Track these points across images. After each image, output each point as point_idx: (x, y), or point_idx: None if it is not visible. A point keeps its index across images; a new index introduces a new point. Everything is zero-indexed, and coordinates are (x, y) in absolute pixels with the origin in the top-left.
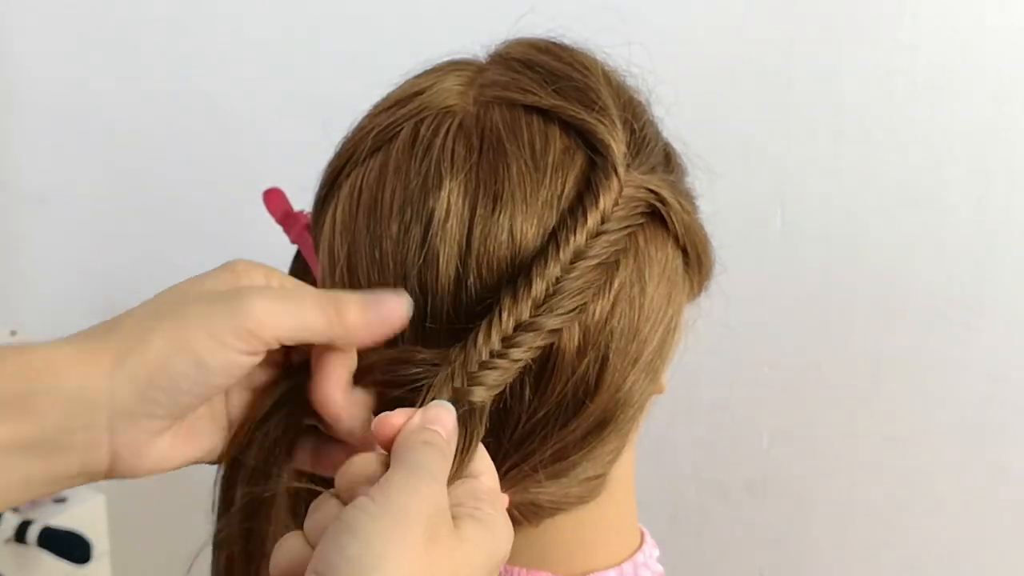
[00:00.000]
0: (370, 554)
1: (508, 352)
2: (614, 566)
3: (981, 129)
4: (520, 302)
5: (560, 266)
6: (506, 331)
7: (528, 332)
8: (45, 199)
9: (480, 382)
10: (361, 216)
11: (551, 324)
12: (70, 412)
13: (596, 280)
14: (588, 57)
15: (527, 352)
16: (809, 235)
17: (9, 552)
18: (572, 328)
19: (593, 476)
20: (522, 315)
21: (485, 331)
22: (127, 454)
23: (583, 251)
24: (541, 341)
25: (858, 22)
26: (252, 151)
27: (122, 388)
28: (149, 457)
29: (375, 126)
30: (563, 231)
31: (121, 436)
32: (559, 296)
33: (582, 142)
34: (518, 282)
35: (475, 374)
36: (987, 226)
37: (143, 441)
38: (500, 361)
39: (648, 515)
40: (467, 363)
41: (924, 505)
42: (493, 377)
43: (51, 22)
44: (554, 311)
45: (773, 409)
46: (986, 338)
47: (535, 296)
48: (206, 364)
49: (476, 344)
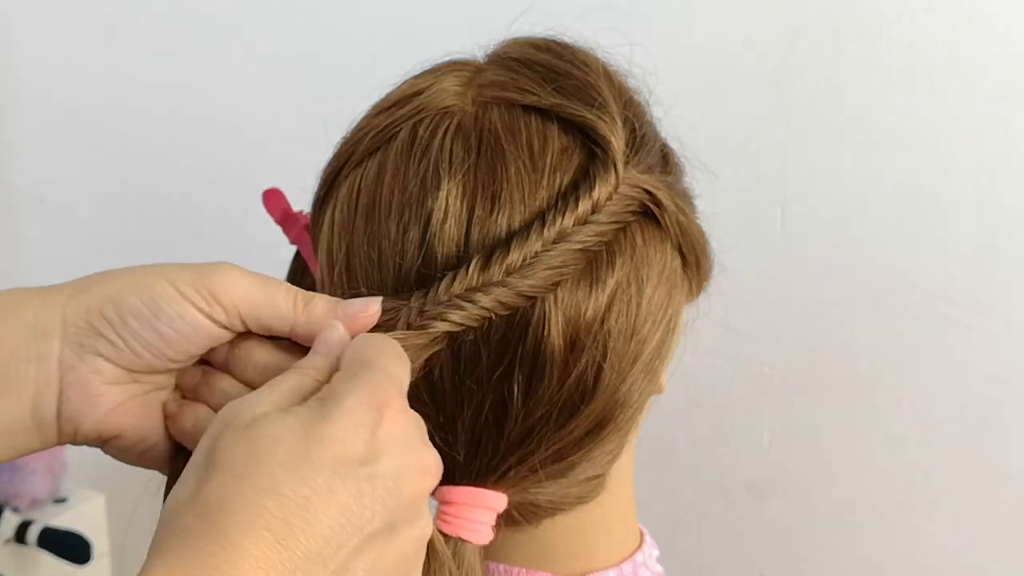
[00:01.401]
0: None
1: (473, 296)
2: (614, 566)
3: (981, 129)
4: (493, 264)
5: (541, 242)
6: (472, 283)
7: (497, 287)
8: (45, 199)
9: (441, 316)
10: (359, 217)
11: (521, 287)
12: (23, 339)
13: (574, 262)
14: (588, 55)
15: (492, 303)
16: (809, 235)
17: (9, 552)
18: (558, 321)
19: (592, 476)
20: (492, 276)
21: (449, 279)
22: (76, 395)
23: (567, 233)
24: (508, 299)
25: (858, 22)
26: (252, 151)
27: (73, 317)
28: (97, 406)
29: (373, 127)
30: (551, 212)
31: (70, 372)
32: (534, 267)
33: (582, 139)
34: (495, 248)
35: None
36: (987, 226)
37: (92, 382)
38: (464, 303)
39: (648, 515)
40: (425, 304)
41: (924, 505)
42: (454, 316)
43: (51, 22)
44: (526, 277)
45: (773, 409)
46: (986, 338)
47: (509, 263)
48: (158, 307)
49: (438, 288)
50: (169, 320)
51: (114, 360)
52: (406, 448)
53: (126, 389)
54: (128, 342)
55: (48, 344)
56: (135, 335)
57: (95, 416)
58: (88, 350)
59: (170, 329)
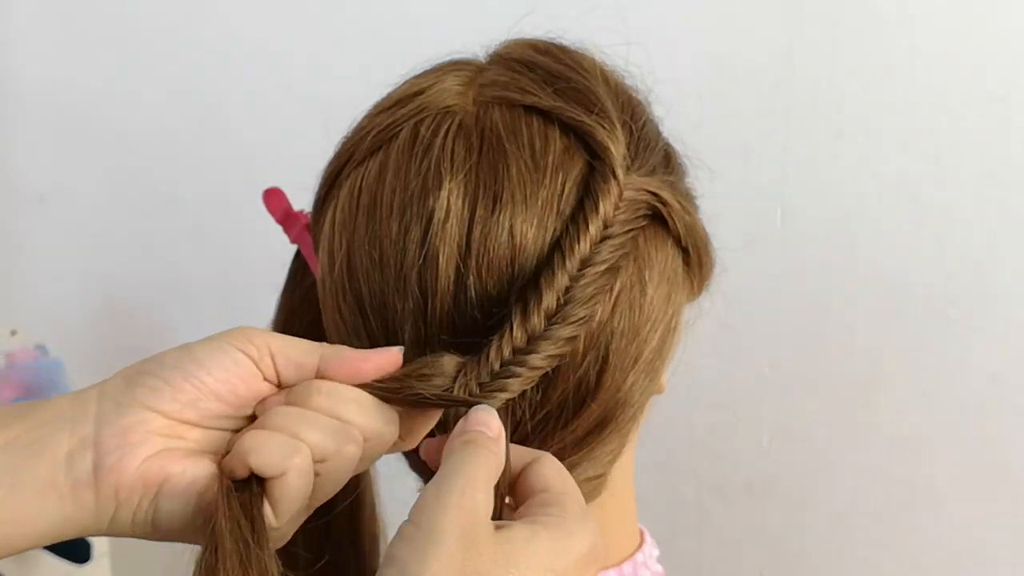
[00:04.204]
0: (406, 574)
1: (526, 360)
2: (614, 566)
3: (981, 129)
4: (532, 315)
5: (568, 275)
6: (518, 343)
7: (544, 341)
8: (45, 199)
9: (500, 388)
10: (360, 216)
11: (566, 333)
12: (59, 407)
13: (605, 285)
14: (587, 59)
15: (544, 360)
16: (809, 235)
17: None
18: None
19: (593, 476)
20: (536, 327)
21: (497, 344)
22: (115, 442)
23: (589, 258)
24: (557, 350)
25: (858, 22)
26: (252, 151)
27: (112, 382)
28: (139, 450)
29: (375, 126)
30: (566, 240)
31: (107, 427)
32: (571, 304)
33: (581, 144)
34: (528, 294)
35: (492, 383)
36: (987, 226)
37: (133, 429)
38: (518, 369)
39: (648, 515)
40: (480, 374)
41: (924, 505)
42: (514, 385)
43: (51, 22)
44: (567, 320)
45: (773, 409)
46: (986, 338)
47: (547, 307)
48: (196, 355)
49: (489, 357)
50: (208, 364)
51: (154, 405)
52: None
53: (170, 441)
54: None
55: (84, 408)
56: (172, 382)
57: (138, 458)
58: (127, 403)
59: (209, 374)
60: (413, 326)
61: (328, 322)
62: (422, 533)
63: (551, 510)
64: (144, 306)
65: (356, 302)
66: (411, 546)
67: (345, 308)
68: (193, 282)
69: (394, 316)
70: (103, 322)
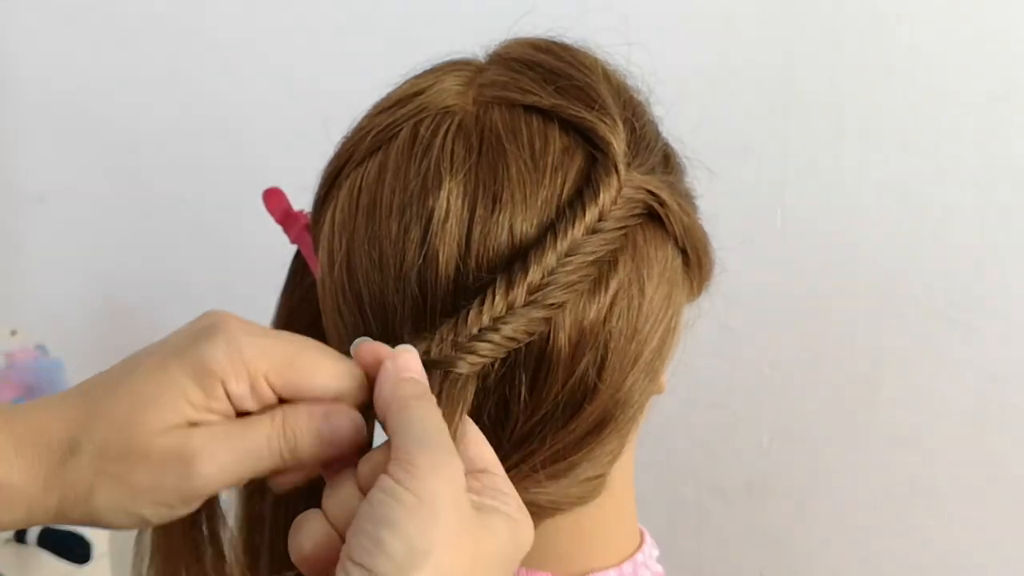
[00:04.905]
0: (415, 553)
1: (498, 328)
2: (614, 566)
3: (981, 129)
4: (515, 287)
5: (556, 256)
6: (498, 312)
7: (517, 315)
8: (45, 199)
9: (470, 350)
10: (360, 216)
11: (540, 313)
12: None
13: (588, 275)
14: (588, 56)
15: (515, 333)
16: (809, 235)
17: (9, 552)
18: (565, 325)
19: (593, 476)
20: (517, 299)
21: (477, 309)
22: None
23: (578, 245)
24: (529, 327)
25: (858, 22)
26: (252, 151)
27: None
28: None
29: (374, 126)
30: (561, 223)
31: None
32: (551, 286)
33: (583, 140)
34: (514, 268)
35: (463, 344)
36: (987, 226)
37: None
38: (491, 335)
39: (648, 515)
40: (456, 335)
41: (924, 505)
42: (483, 350)
43: (51, 22)
44: (544, 301)
45: (773, 409)
46: (986, 338)
47: (531, 282)
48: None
49: (467, 320)
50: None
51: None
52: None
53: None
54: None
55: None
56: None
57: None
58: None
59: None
60: (413, 326)
61: (328, 322)
62: (424, 504)
63: (512, 503)
64: (144, 306)
65: (356, 302)
66: (414, 517)
67: (345, 308)
68: (193, 282)
69: (394, 316)
70: (103, 322)
